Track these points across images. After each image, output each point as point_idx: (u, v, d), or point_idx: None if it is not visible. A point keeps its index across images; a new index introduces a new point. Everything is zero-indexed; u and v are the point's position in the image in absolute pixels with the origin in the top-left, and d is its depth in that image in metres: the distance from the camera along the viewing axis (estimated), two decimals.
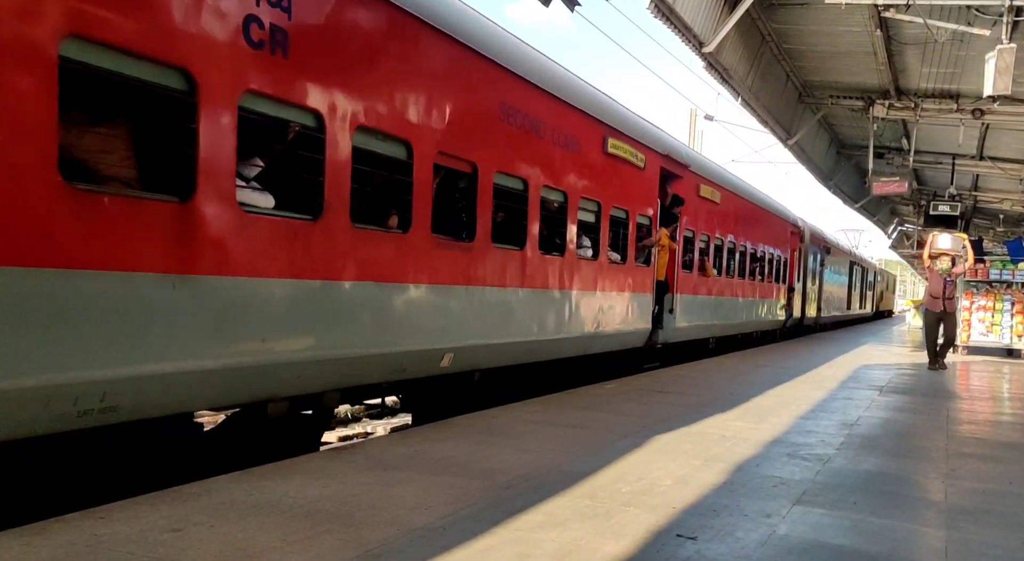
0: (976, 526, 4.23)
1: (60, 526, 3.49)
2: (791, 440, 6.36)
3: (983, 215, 32.28)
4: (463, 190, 7.39)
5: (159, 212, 4.39)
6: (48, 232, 3.85)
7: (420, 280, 6.60)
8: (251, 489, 4.19)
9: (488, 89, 7.57)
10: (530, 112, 8.25)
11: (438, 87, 6.74)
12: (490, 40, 7.61)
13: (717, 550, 3.60)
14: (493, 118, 7.66)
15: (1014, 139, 19.27)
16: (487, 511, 3.99)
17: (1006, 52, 11.03)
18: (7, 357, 3.72)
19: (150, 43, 4.27)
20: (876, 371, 13.07)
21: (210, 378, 4.76)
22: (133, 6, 4.19)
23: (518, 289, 8.25)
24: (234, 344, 4.88)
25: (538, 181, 8.39)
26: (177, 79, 4.46)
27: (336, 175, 5.55)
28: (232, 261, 4.82)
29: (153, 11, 4.29)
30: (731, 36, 13.20)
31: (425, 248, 6.64)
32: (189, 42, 4.47)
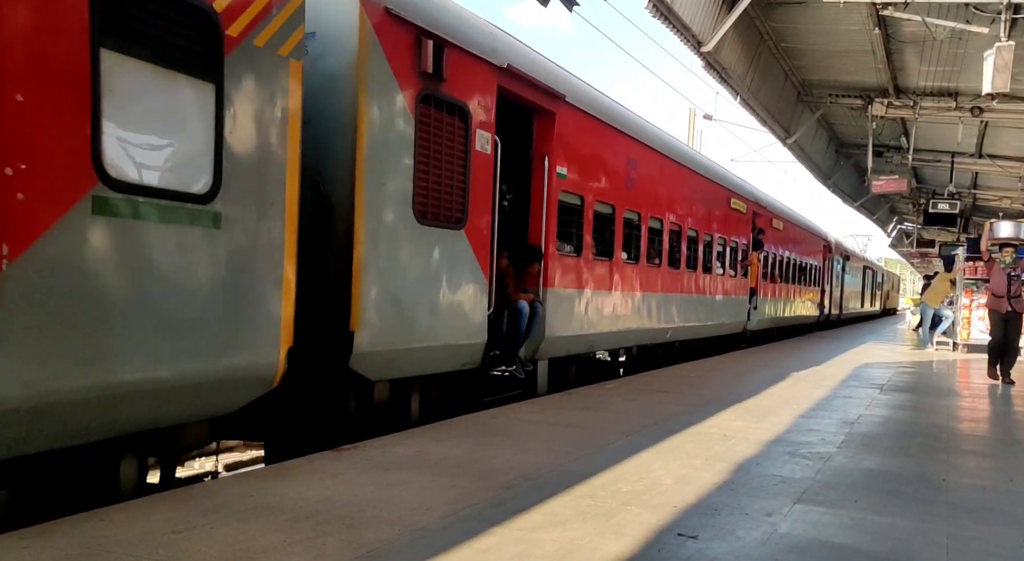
0: (977, 524, 4.23)
1: (60, 528, 3.49)
2: (792, 439, 6.36)
3: (982, 213, 32.26)
4: (657, 231, 12.03)
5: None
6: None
7: (630, 288, 11.09)
8: (252, 490, 4.19)
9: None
10: (710, 196, 14.65)
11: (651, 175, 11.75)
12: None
13: (718, 549, 3.59)
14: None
15: (1013, 137, 19.28)
16: (488, 511, 3.99)
17: (1004, 50, 11.03)
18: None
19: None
20: (877, 369, 13.07)
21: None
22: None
23: (680, 294, 13.13)
24: (585, 324, 9.83)
25: (698, 228, 13.80)
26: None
27: (590, 229, 9.76)
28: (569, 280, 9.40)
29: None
30: (729, 35, 13.20)
31: (632, 269, 11.06)
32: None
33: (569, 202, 9.14)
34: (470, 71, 7.04)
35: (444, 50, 6.58)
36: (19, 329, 3.57)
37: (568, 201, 9.08)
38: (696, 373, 11.13)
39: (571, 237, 9.29)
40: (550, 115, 8.57)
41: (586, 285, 9.72)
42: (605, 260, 10.16)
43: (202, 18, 4.49)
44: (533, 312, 8.35)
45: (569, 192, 9.08)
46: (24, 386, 3.58)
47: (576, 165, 9.15)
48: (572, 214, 9.23)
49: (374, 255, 5.96)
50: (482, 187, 7.30)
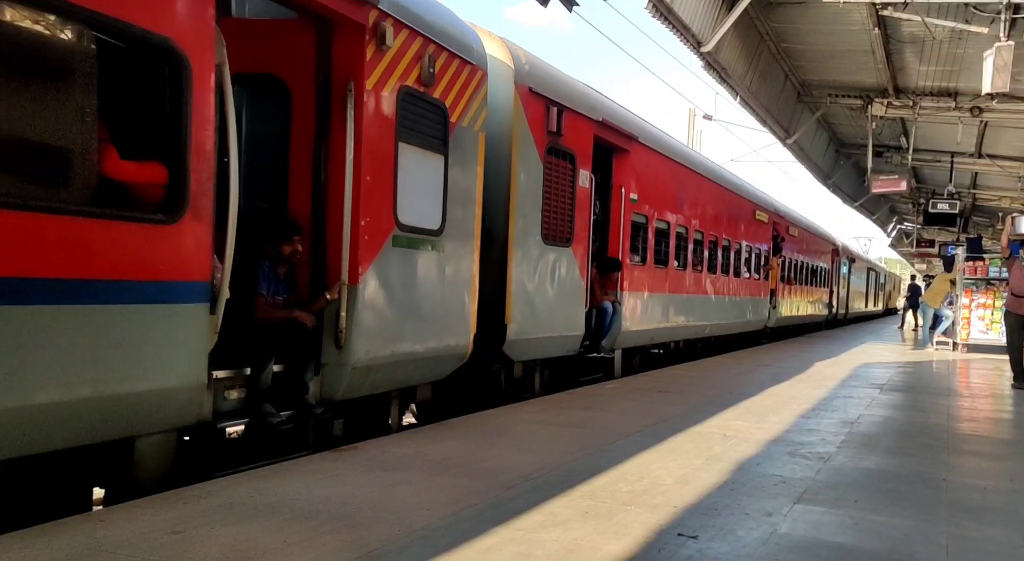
0: (977, 524, 4.23)
1: (59, 529, 3.48)
2: (792, 439, 6.36)
3: (982, 213, 32.28)
4: (699, 242, 14.05)
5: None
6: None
7: (680, 291, 13.20)
8: (252, 491, 4.18)
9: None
10: (739, 209, 16.74)
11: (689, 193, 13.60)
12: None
13: (718, 549, 3.59)
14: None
15: (1013, 137, 19.27)
16: (488, 511, 3.98)
17: (1004, 50, 11.02)
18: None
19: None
20: (876, 369, 13.07)
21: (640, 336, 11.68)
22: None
23: (716, 295, 15.04)
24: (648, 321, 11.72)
25: (730, 237, 15.89)
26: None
27: (652, 243, 11.74)
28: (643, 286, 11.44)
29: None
30: (729, 35, 13.19)
31: (681, 275, 13.23)
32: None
33: (637, 221, 11.20)
34: (577, 126, 9.05)
35: (563, 113, 8.63)
36: (364, 319, 5.65)
37: (637, 220, 11.17)
38: (696, 373, 11.13)
39: (638, 249, 11.33)
40: (626, 152, 10.60)
41: (649, 289, 11.75)
42: (662, 268, 12.29)
43: (441, 112, 6.48)
44: (614, 311, 10.37)
45: (637, 213, 11.15)
46: (365, 353, 5.69)
47: (642, 191, 11.20)
48: (639, 230, 11.36)
49: (519, 268, 8.01)
50: (583, 213, 9.37)
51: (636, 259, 11.18)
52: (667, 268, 12.44)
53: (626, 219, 10.60)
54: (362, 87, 5.53)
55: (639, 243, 11.35)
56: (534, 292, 8.34)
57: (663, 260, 12.33)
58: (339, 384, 5.60)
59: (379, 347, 5.87)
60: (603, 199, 10.43)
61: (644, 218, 11.40)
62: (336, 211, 5.48)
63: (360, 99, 5.52)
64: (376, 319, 5.80)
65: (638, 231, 11.29)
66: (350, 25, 5.48)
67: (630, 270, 10.84)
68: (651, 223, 11.67)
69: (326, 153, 5.56)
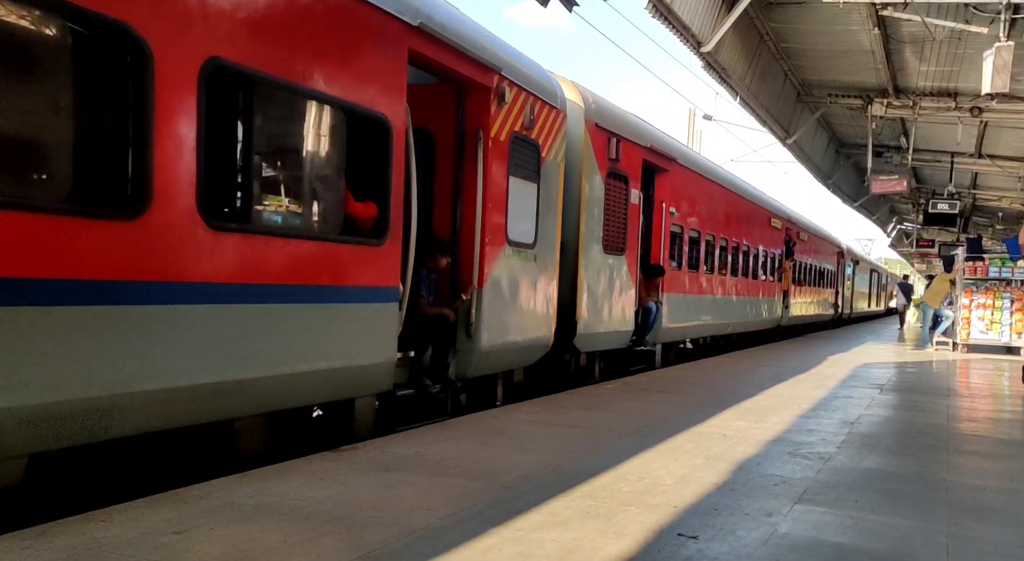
0: (977, 524, 4.23)
1: (60, 529, 3.49)
2: (792, 439, 6.36)
3: (982, 213, 32.28)
4: (724, 248, 15.74)
5: (694, 276, 13.93)
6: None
7: (709, 292, 14.88)
8: (252, 491, 4.19)
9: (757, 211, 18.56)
10: (757, 217, 18.34)
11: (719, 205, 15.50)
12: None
13: (719, 549, 3.60)
14: (760, 227, 18.84)
15: (1012, 137, 19.27)
16: (488, 511, 3.99)
17: (1004, 50, 11.02)
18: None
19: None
20: (876, 369, 13.08)
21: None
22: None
23: (737, 296, 16.79)
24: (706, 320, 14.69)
25: (750, 243, 17.57)
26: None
27: (686, 250, 13.48)
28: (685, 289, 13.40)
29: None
30: (729, 35, 13.19)
31: (710, 278, 14.81)
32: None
33: (674, 231, 12.85)
34: (630, 152, 10.64)
35: (620, 142, 10.20)
36: (486, 315, 7.24)
37: (674, 230, 12.81)
38: (696, 373, 11.13)
39: (675, 256, 12.96)
40: (667, 172, 12.21)
41: (684, 291, 13.43)
42: (694, 272, 13.98)
43: (536, 149, 8.09)
44: (656, 311, 11.96)
45: (675, 224, 12.81)
46: (487, 341, 7.32)
47: (679, 204, 12.87)
48: (675, 239, 13.00)
49: (586, 274, 9.56)
50: (634, 226, 11.00)
51: (673, 265, 12.78)
52: (698, 272, 14.17)
53: (666, 230, 12.29)
54: (488, 135, 7.16)
55: (675, 251, 13.00)
56: (597, 294, 9.93)
57: (695, 265, 13.99)
58: (468, 365, 7.25)
59: (495, 337, 7.51)
60: (646, 212, 11.79)
61: (680, 228, 13.12)
62: (468, 232, 7.14)
63: (486, 144, 7.14)
64: (493, 315, 7.42)
65: (675, 240, 12.97)
66: (480, 87, 7.09)
67: (668, 274, 12.42)
68: (686, 233, 13.41)
69: (460, 187, 7.19)
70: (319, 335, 5.30)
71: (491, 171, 7.21)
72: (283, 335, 5.02)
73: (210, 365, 4.53)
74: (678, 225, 12.93)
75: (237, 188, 4.84)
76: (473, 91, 7.07)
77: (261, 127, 4.99)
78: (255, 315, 4.84)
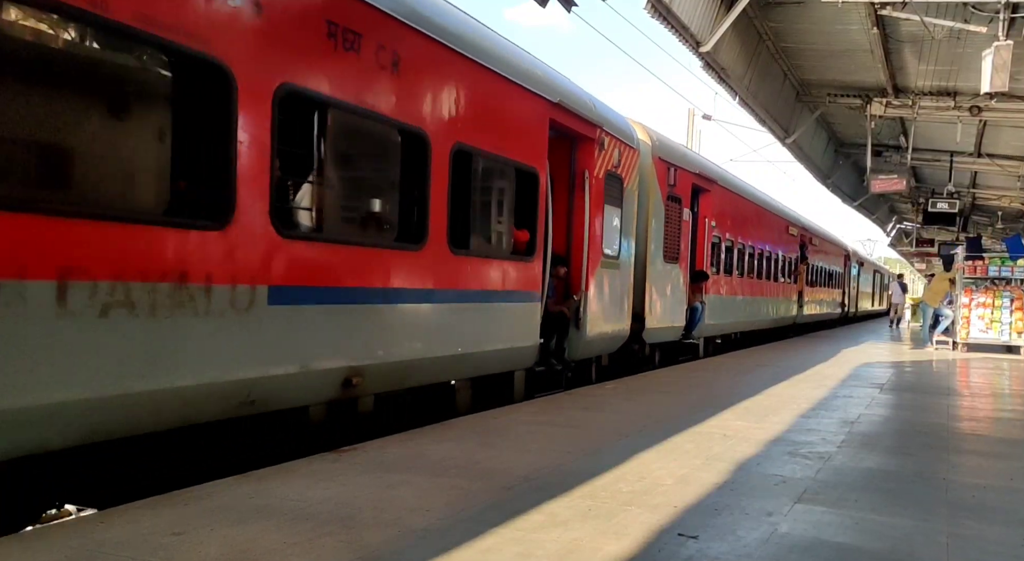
0: (978, 523, 4.23)
1: (60, 531, 3.49)
2: (792, 438, 6.36)
3: (981, 212, 32.28)
4: (752, 254, 18.12)
5: (728, 280, 16.44)
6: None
7: (740, 293, 17.20)
8: (252, 492, 4.19)
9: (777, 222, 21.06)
10: (777, 226, 20.65)
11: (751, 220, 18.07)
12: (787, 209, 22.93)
13: (719, 549, 3.59)
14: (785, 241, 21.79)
15: (1012, 136, 19.28)
16: (488, 512, 3.98)
17: (1003, 49, 11.03)
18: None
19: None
20: (876, 369, 13.08)
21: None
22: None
23: (762, 297, 19.32)
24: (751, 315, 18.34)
25: (772, 249, 19.88)
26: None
27: (723, 257, 15.72)
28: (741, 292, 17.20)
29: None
30: (728, 35, 13.20)
31: (741, 281, 17.08)
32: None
33: (714, 241, 15.00)
34: (683, 178, 12.98)
35: (676, 170, 12.59)
36: (589, 311, 9.25)
37: (714, 241, 15.00)
38: (696, 373, 11.13)
39: (714, 263, 15.06)
40: (709, 192, 14.49)
41: (721, 293, 15.67)
42: (728, 276, 16.20)
43: (620, 182, 10.18)
44: (701, 310, 14.13)
45: (715, 235, 15.04)
46: (589, 332, 9.31)
47: (718, 218, 15.11)
48: (715, 248, 15.15)
49: (652, 279, 11.77)
50: (685, 238, 13.22)
51: (713, 270, 14.87)
52: (732, 276, 16.44)
53: (708, 241, 14.53)
54: (591, 174, 9.26)
55: (715, 258, 15.12)
56: (659, 296, 12.10)
57: (729, 270, 16.25)
58: (577, 350, 9.34)
59: (594, 329, 9.55)
60: (692, 225, 13.86)
61: (718, 238, 15.32)
62: (578, 249, 9.20)
63: (590, 182, 9.21)
64: (593, 312, 9.46)
65: (714, 249, 15.08)
66: (587, 139, 9.24)
67: (710, 278, 14.62)
68: (722, 242, 15.63)
69: (571, 215, 9.23)
70: (499, 325, 7.67)
71: (592, 202, 9.31)
72: (482, 321, 7.35)
73: (447, 343, 6.84)
74: (717, 236, 15.16)
75: (469, 232, 7.20)
76: (582, 142, 9.25)
77: (483, 188, 7.61)
78: (473, 311, 7.19)
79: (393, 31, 5.88)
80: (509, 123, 7.61)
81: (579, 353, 9.42)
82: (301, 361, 5.20)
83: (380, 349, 5.94)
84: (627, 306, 10.71)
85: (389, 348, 6.05)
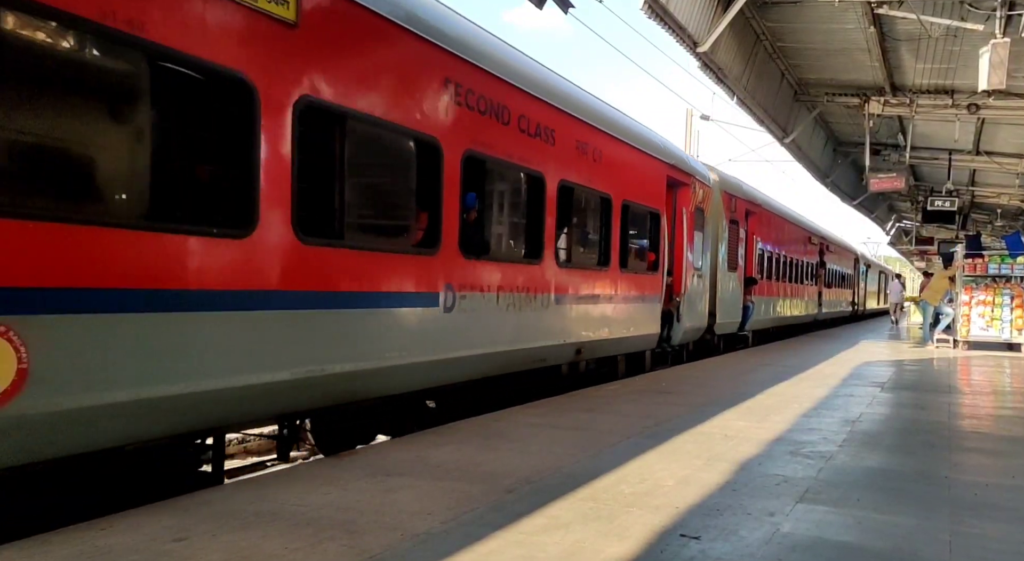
0: (980, 521, 4.23)
1: (62, 538, 3.48)
2: (794, 438, 6.36)
3: (981, 210, 32.25)
4: (788, 263, 22.71)
5: (769, 284, 20.58)
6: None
7: (779, 295, 21.73)
8: (253, 497, 4.18)
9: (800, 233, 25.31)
10: (804, 237, 25.20)
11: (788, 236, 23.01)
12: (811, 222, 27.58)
13: (721, 549, 3.59)
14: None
15: (1010, 133, 19.27)
16: (489, 515, 3.98)
17: (1000, 46, 11.03)
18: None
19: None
20: (877, 368, 13.07)
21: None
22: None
23: (793, 297, 23.39)
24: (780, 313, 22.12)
25: (801, 257, 24.20)
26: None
27: (766, 265, 20.19)
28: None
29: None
30: (725, 35, 13.20)
31: (779, 284, 21.52)
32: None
33: (759, 253, 18.74)
34: (739, 205, 16.80)
35: (736, 199, 16.53)
36: (684, 310, 12.90)
37: (759, 252, 18.76)
38: (698, 373, 11.13)
39: (759, 270, 18.86)
40: (756, 214, 18.32)
41: (765, 295, 19.45)
42: (769, 281, 19.89)
43: (703, 213, 13.87)
44: (751, 308, 17.84)
45: (760, 248, 18.82)
46: (686, 324, 13.08)
47: (761, 234, 19.05)
48: (760, 258, 18.96)
49: (720, 285, 15.17)
50: (740, 252, 16.82)
51: (759, 276, 18.57)
52: (771, 281, 20.21)
53: (755, 252, 18.50)
54: (688, 210, 12.65)
55: (760, 266, 19.00)
56: (724, 297, 15.61)
57: (770, 276, 20.07)
58: (677, 338, 12.71)
59: (687, 322, 12.94)
60: (744, 240, 17.45)
61: (762, 250, 19.25)
62: (678, 264, 12.44)
63: (686, 216, 12.57)
64: (687, 310, 12.90)
65: (760, 259, 18.96)
66: (683, 185, 12.57)
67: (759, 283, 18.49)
68: (766, 253, 19.57)
69: (674, 239, 12.37)
70: (641, 318, 11.07)
71: (688, 230, 12.75)
72: (631, 316, 10.79)
73: (619, 330, 10.45)
74: (761, 248, 19.10)
75: (628, 256, 10.59)
76: (681, 188, 12.60)
77: (635, 225, 10.96)
78: (633, 309, 10.79)
79: (610, 144, 9.93)
80: (646, 181, 11.22)
81: (679, 340, 12.91)
82: (563, 338, 9.00)
83: (591, 334, 9.67)
84: (706, 306, 14.30)
85: (596, 332, 9.77)
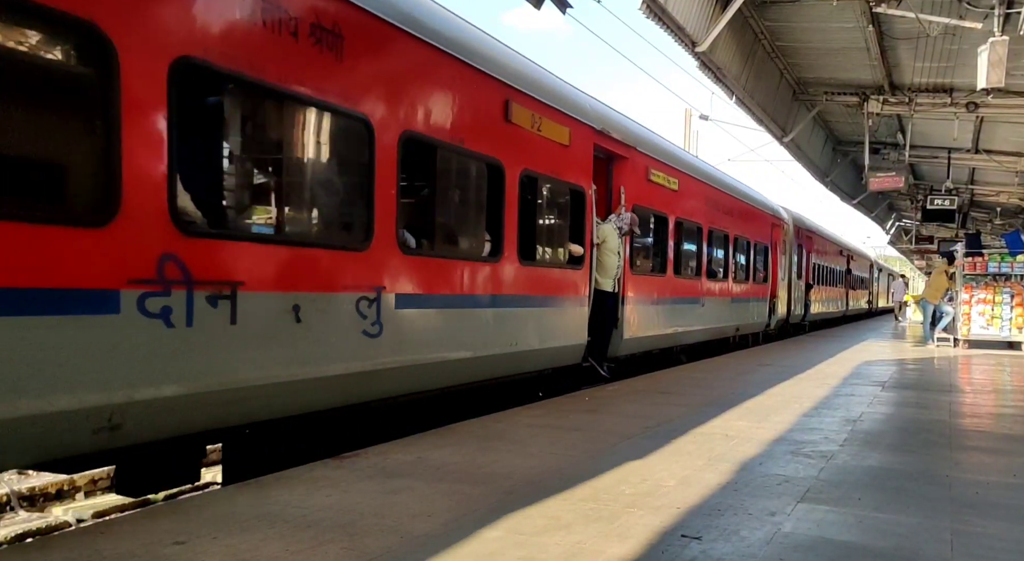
0: (981, 519, 4.22)
1: (61, 541, 3.47)
2: (794, 438, 6.35)
3: (980, 208, 32.27)
4: (823, 268, 29.03)
5: (818, 288, 27.44)
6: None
7: (820, 296, 28.19)
8: (253, 500, 4.17)
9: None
10: (836, 250, 32.32)
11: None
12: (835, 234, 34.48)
13: (722, 550, 3.58)
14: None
15: (1009, 132, 19.27)
16: (490, 516, 3.97)
17: (998, 45, 11.02)
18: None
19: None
20: (878, 367, 13.06)
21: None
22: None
23: (829, 298, 30.16)
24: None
25: (832, 265, 30.64)
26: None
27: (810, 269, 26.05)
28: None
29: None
30: (724, 35, 13.19)
31: (820, 288, 28.03)
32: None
33: (813, 265, 24.68)
34: (800, 231, 23.27)
35: (799, 229, 23.12)
36: (776, 306, 20.56)
37: (813, 265, 24.73)
38: (698, 373, 11.12)
39: (813, 277, 24.06)
40: (810, 238, 24.24)
41: (816, 296, 25.39)
42: (818, 285, 25.10)
43: (785, 241, 21.50)
44: (809, 305, 24.12)
45: (813, 262, 24.56)
46: (778, 314, 20.69)
47: (815, 252, 24.58)
48: (813, 268, 24.80)
49: (792, 288, 22.16)
50: (803, 265, 23.53)
51: (812, 283, 24.43)
52: (820, 285, 25.71)
53: (811, 265, 24.23)
54: (777, 241, 20.37)
55: (813, 275, 24.49)
56: (795, 298, 21.65)
57: (819, 281, 25.72)
58: (772, 323, 19.61)
59: (778, 313, 19.91)
60: (800, 255, 22.66)
61: (815, 264, 24.55)
62: (775, 274, 19.99)
63: (779, 245, 20.67)
64: (777, 305, 20.21)
65: (813, 269, 24.39)
66: (777, 226, 20.55)
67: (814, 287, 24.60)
68: (816, 265, 25.05)
69: (771, 258, 19.70)
70: (755, 312, 16.02)
71: (780, 254, 18.85)
72: (759, 308, 16.57)
73: (731, 321, 15.28)
74: (814, 262, 24.88)
75: (754, 273, 16.32)
76: (775, 226, 17.85)
77: (741, 251, 16.00)
78: (749, 306, 16.70)
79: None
80: (756, 222, 15.09)
81: (773, 325, 18.95)
82: (730, 322, 12.76)
83: (741, 321, 12.18)
84: (786, 303, 20.42)
85: (745, 320, 12.38)
